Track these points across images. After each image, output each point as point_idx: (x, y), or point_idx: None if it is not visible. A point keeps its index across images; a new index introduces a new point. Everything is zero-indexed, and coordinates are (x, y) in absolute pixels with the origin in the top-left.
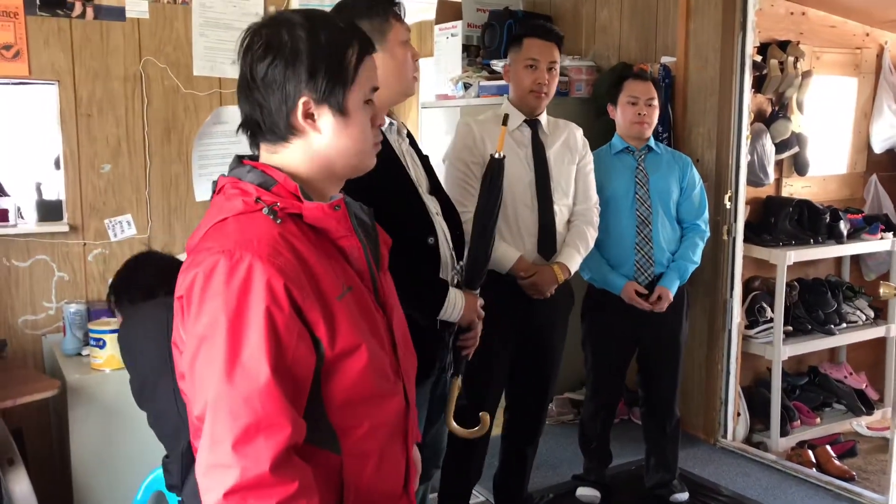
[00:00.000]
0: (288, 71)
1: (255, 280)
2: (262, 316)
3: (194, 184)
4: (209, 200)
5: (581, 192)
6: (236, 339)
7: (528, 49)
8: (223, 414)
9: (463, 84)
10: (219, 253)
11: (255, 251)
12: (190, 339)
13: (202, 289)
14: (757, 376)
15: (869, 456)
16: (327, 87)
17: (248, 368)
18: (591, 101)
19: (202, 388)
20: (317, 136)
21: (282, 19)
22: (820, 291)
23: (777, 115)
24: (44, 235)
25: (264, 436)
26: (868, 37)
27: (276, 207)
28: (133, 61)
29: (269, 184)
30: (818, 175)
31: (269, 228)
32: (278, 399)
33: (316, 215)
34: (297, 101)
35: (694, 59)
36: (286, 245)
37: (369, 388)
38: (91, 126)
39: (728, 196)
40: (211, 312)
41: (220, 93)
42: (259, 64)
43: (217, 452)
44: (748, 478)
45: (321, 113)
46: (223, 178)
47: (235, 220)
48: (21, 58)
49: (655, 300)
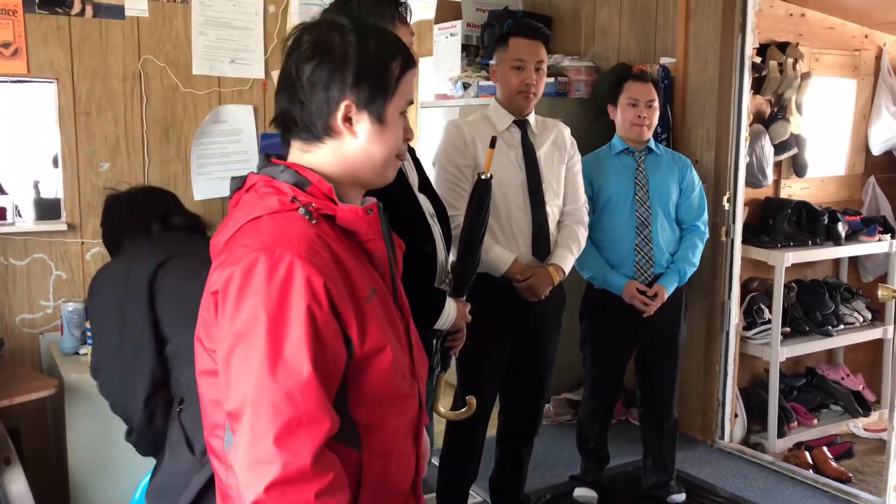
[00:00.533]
0: (335, 74)
1: (296, 278)
2: (303, 313)
3: (193, 183)
4: (212, 199)
5: (571, 192)
6: (278, 335)
7: (514, 49)
8: (265, 409)
9: (462, 84)
10: (258, 250)
11: (295, 250)
12: (226, 335)
13: (241, 286)
14: (754, 377)
15: (866, 457)
16: (370, 95)
17: (290, 364)
18: (591, 102)
19: (239, 384)
20: (351, 141)
21: (333, 22)
22: (818, 293)
23: (776, 116)
24: (41, 234)
25: (305, 430)
26: (867, 38)
27: (311, 208)
28: (132, 60)
29: (304, 184)
30: (817, 176)
31: (306, 228)
32: (319, 394)
33: (349, 217)
34: (339, 104)
35: (693, 61)
36: (323, 245)
37: (391, 388)
38: (90, 124)
39: (727, 197)
40: (250, 309)
41: (220, 92)
42: (306, 63)
43: (258, 448)
44: (745, 479)
45: (360, 118)
46: (253, 175)
47: (271, 218)
48: (20, 56)
49: (651, 297)
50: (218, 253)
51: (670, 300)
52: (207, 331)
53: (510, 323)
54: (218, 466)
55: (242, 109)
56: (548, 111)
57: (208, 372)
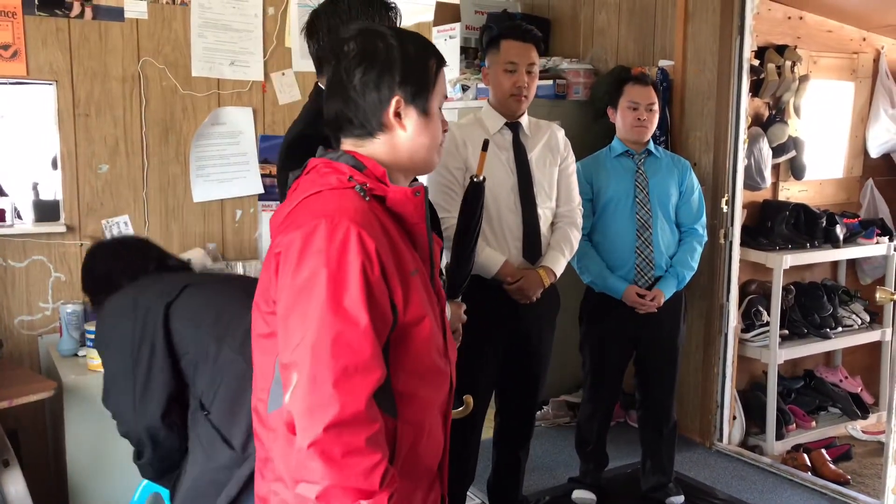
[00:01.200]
0: (384, 75)
1: (352, 240)
2: (358, 270)
3: (192, 185)
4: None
5: (564, 194)
6: (338, 287)
7: (505, 52)
8: (325, 355)
9: (461, 86)
10: (319, 217)
11: (352, 218)
12: (287, 291)
13: (302, 246)
14: (753, 380)
15: (864, 460)
16: (416, 90)
17: (349, 313)
18: (589, 105)
19: (298, 334)
20: (401, 133)
21: (374, 31)
22: (816, 295)
23: (774, 119)
24: (40, 236)
25: (361, 376)
26: (865, 41)
27: (366, 187)
28: (131, 62)
29: (360, 167)
30: (815, 179)
31: (361, 203)
32: (374, 343)
33: (398, 198)
34: (390, 101)
35: (692, 63)
36: (375, 219)
37: (428, 361)
38: (89, 126)
39: (725, 200)
40: (311, 266)
41: (219, 94)
42: (356, 69)
43: (318, 392)
44: (743, 481)
45: (408, 113)
46: (313, 159)
47: (330, 193)
48: (19, 57)
49: (651, 300)
50: (279, 225)
51: (669, 303)
52: (265, 294)
53: (502, 325)
54: (261, 433)
55: (242, 111)
56: (546, 114)
57: (262, 335)
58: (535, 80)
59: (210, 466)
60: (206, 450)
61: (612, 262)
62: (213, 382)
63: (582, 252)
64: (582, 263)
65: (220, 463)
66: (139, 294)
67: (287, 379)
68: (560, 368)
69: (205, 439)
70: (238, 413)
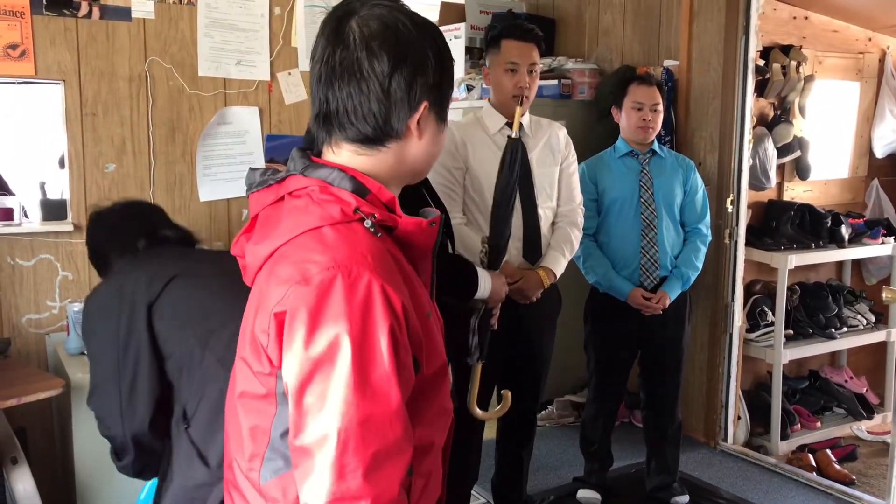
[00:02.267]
0: (418, 74)
1: (377, 299)
2: (387, 336)
3: (198, 184)
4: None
5: (565, 193)
6: (365, 360)
7: (506, 52)
8: (353, 442)
9: (466, 86)
10: (333, 268)
11: (372, 268)
12: (299, 362)
13: (316, 308)
14: (757, 380)
15: (869, 460)
16: (444, 95)
17: (378, 392)
18: (594, 105)
19: (319, 416)
20: (415, 142)
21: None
22: (821, 295)
23: (779, 119)
24: (48, 234)
25: (393, 461)
26: (870, 41)
27: (375, 220)
28: (138, 61)
29: (363, 192)
30: (820, 179)
31: (374, 242)
32: (405, 421)
33: (411, 230)
34: (420, 106)
35: (697, 63)
36: (392, 261)
37: (443, 408)
38: (96, 125)
39: (730, 200)
40: (331, 334)
41: (225, 93)
42: (382, 58)
43: (347, 484)
44: (748, 481)
45: (428, 119)
46: (301, 177)
47: (334, 230)
48: (27, 57)
49: (656, 302)
50: (262, 262)
51: (674, 303)
52: (258, 352)
53: (503, 324)
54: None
55: (248, 111)
56: (551, 113)
57: (252, 396)
58: (536, 80)
59: (187, 485)
60: (182, 467)
61: (616, 262)
62: (197, 392)
63: (587, 252)
64: (587, 264)
65: (197, 481)
66: (124, 285)
67: (301, 464)
68: (564, 368)
69: (183, 455)
70: (217, 430)
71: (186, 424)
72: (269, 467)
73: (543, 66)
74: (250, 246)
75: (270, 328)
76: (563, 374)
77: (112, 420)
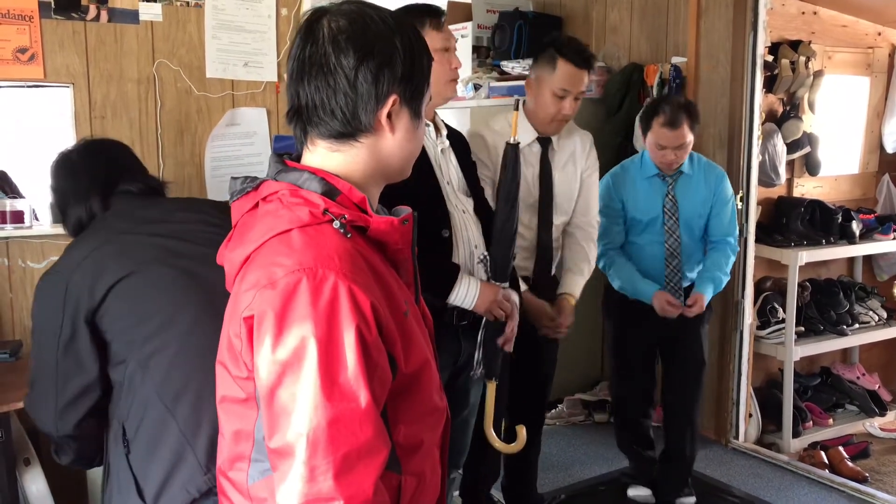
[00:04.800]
0: (384, 66)
1: (342, 300)
2: (354, 336)
3: (207, 186)
4: (226, 201)
5: (582, 204)
6: (332, 361)
7: (561, 76)
8: (322, 444)
9: (473, 85)
10: (298, 271)
11: (339, 269)
12: (268, 366)
13: (281, 311)
14: (769, 377)
15: (882, 457)
16: (415, 89)
17: (346, 393)
18: (602, 102)
19: (289, 419)
20: (388, 137)
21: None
22: (832, 292)
23: (788, 115)
24: (58, 237)
25: (365, 462)
26: (880, 36)
27: (345, 220)
28: (146, 64)
29: (333, 193)
30: (830, 175)
31: (343, 243)
32: (376, 421)
33: (383, 229)
34: (387, 98)
35: (705, 60)
36: (363, 261)
37: (430, 406)
38: (105, 128)
39: (739, 196)
40: (296, 337)
41: (233, 95)
42: (347, 51)
43: (317, 486)
44: (760, 479)
45: (401, 114)
46: (273, 182)
47: (303, 232)
48: (36, 61)
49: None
50: (238, 269)
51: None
52: (235, 357)
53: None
54: (238, 502)
55: (256, 112)
56: None
57: (233, 400)
58: (579, 103)
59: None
60: (122, 492)
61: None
62: (136, 414)
63: (610, 261)
64: (611, 271)
65: None
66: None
67: (277, 467)
68: (574, 367)
69: (123, 479)
70: (152, 462)
71: (126, 449)
72: (256, 468)
73: None
74: (227, 253)
75: (242, 332)
76: (572, 373)
77: (46, 419)
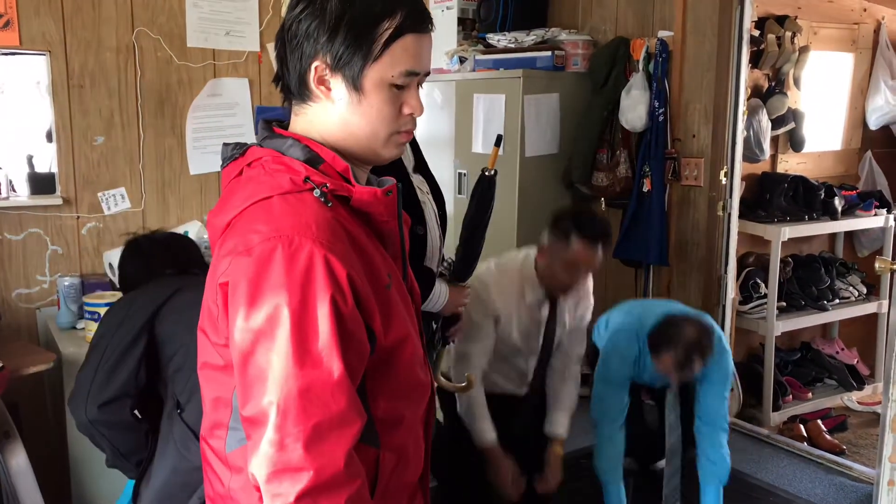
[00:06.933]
0: (311, 28)
1: (318, 268)
2: (328, 306)
3: (189, 157)
4: (208, 173)
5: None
6: (304, 330)
7: (574, 252)
8: (292, 413)
9: (458, 58)
10: (274, 238)
11: (315, 237)
12: (241, 333)
13: (255, 278)
14: (750, 351)
15: (859, 430)
16: (343, 55)
17: (318, 363)
18: (588, 76)
19: (261, 387)
20: (329, 106)
21: None
22: (814, 267)
23: (773, 90)
24: (36, 208)
25: (336, 433)
26: (865, 12)
27: (326, 189)
28: (126, 32)
29: (316, 161)
30: (813, 151)
31: (323, 211)
32: (349, 392)
33: (366, 199)
34: (311, 62)
35: (691, 34)
36: (342, 230)
37: (413, 380)
38: (83, 97)
39: (724, 172)
40: (270, 305)
41: (215, 65)
42: (290, 12)
43: (288, 455)
44: (741, 452)
45: (335, 83)
46: (257, 148)
47: (283, 199)
48: (11, 27)
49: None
50: (220, 235)
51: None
52: (213, 323)
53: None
54: (218, 469)
55: (237, 82)
56: (545, 86)
57: (212, 367)
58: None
59: (184, 467)
60: (180, 449)
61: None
62: (191, 388)
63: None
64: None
65: (195, 463)
66: (139, 293)
67: (251, 435)
68: None
69: (179, 438)
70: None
71: (180, 410)
72: (234, 437)
73: (536, 37)
74: (211, 219)
75: (218, 299)
76: None
77: (79, 397)
